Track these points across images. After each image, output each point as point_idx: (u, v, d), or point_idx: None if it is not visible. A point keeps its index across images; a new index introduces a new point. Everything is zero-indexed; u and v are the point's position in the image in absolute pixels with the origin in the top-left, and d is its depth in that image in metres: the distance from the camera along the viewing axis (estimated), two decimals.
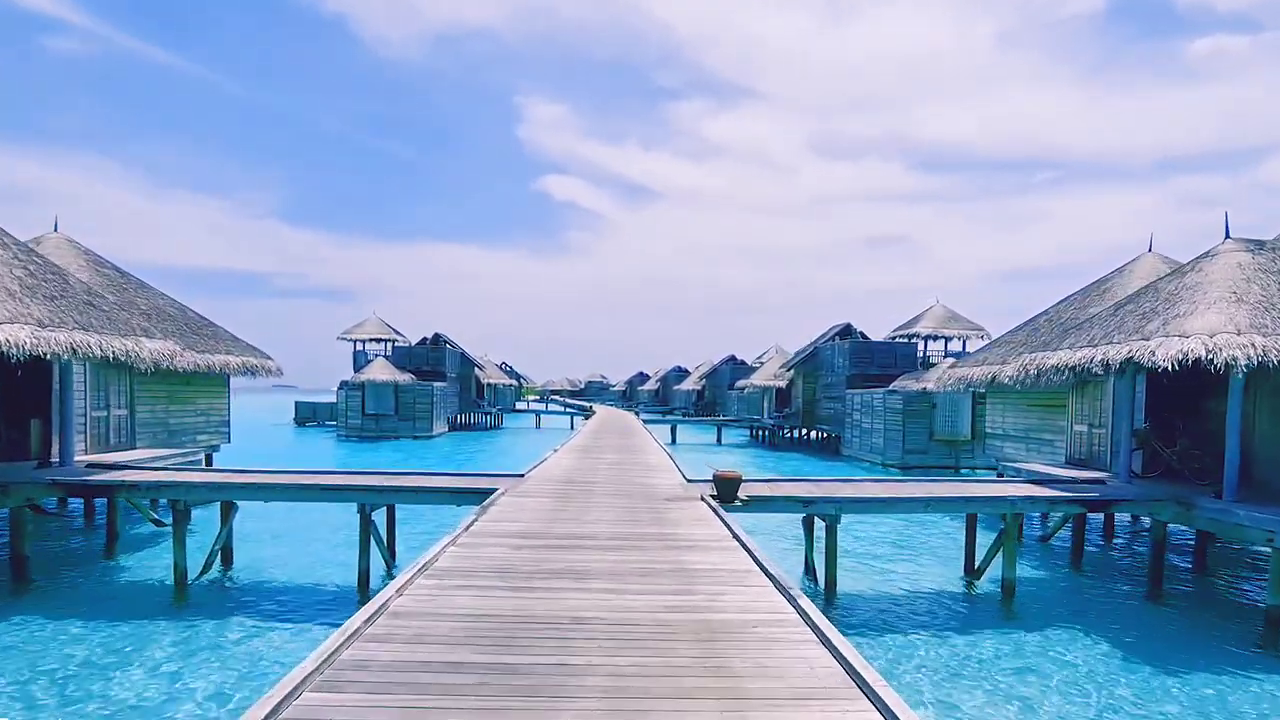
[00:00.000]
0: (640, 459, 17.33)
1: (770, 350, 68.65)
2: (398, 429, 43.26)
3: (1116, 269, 19.39)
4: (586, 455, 17.94)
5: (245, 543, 13.93)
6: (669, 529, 8.33)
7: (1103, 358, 11.49)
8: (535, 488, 11.61)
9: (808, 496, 10.99)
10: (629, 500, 10.55)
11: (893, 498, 11.11)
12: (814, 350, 41.15)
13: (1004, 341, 20.82)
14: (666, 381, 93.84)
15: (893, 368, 35.80)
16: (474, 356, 58.12)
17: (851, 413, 34.79)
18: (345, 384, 43.43)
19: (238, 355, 20.30)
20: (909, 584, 12.29)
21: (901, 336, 37.88)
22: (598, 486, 12.00)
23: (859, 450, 33.67)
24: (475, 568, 6.28)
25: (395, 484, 11.30)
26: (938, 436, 30.12)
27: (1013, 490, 11.83)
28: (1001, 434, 21.10)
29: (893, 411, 30.67)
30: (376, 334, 49.95)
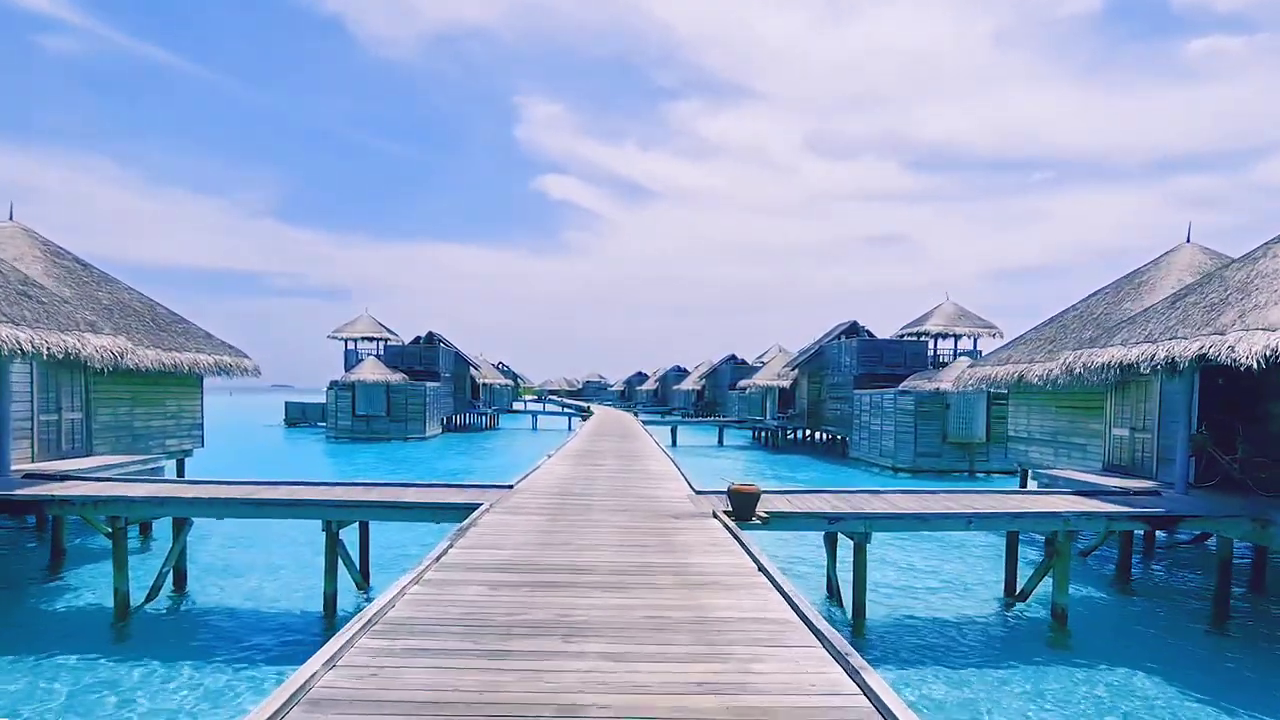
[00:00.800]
0: (642, 465, 16.01)
1: (772, 349, 67.37)
2: (389, 431, 41.91)
3: (1152, 260, 18.09)
4: (583, 461, 16.61)
5: (203, 561, 12.60)
6: (681, 557, 7.00)
7: (1166, 354, 10.18)
8: (525, 502, 10.28)
9: (834, 513, 9.67)
10: (631, 518, 9.22)
11: (929, 514, 9.79)
12: (819, 349, 39.85)
13: (1028, 339, 19.52)
14: (665, 381, 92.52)
15: (902, 367, 34.52)
16: (469, 356, 56.76)
17: (859, 414, 33.48)
18: (335, 384, 42.07)
19: (210, 353, 18.94)
20: (943, 607, 10.98)
21: (909, 335, 36.55)
22: (596, 500, 10.67)
23: (867, 453, 32.37)
24: (440, 619, 4.95)
25: (366, 498, 9.95)
26: (951, 439, 28.83)
27: (1064, 504, 10.52)
28: (1025, 437, 19.80)
29: (904, 413, 29.36)
30: (368, 332, 48.54)
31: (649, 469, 15.26)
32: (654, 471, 14.77)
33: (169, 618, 9.97)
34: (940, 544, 15.27)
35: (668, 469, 15.33)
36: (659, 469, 15.30)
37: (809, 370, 40.26)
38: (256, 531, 14.95)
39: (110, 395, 16.20)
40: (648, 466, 15.86)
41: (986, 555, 14.42)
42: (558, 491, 11.47)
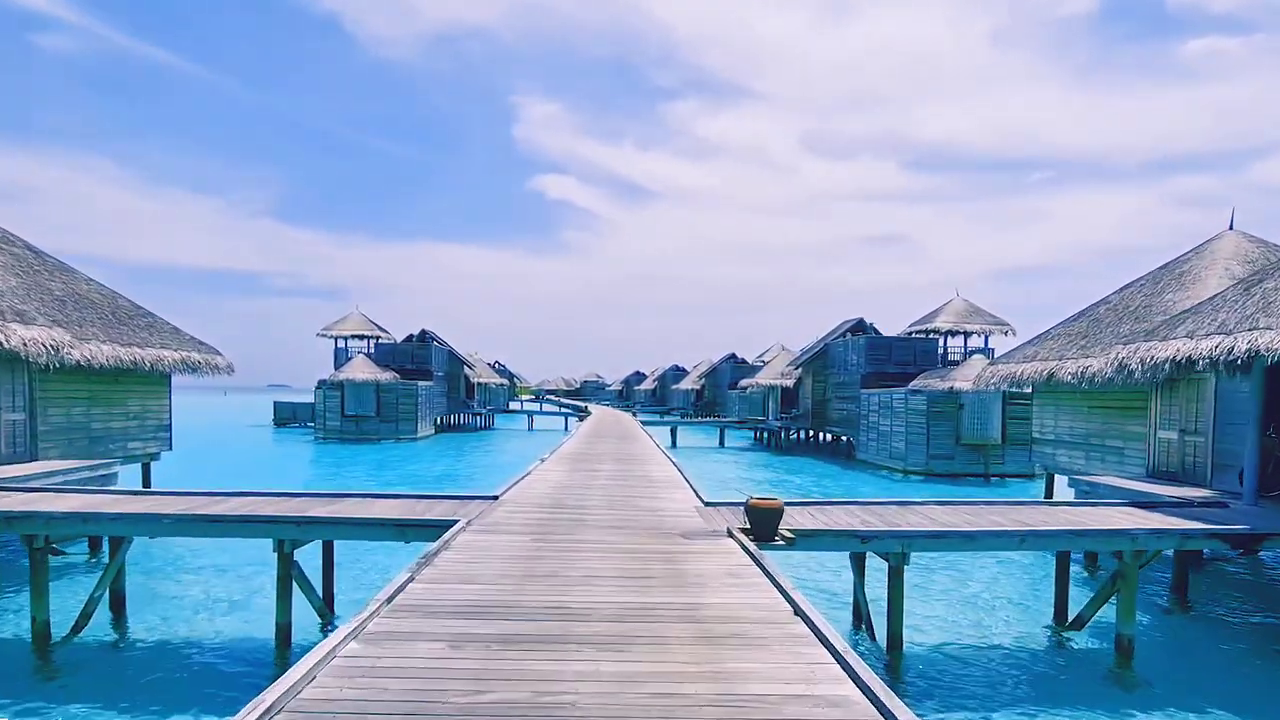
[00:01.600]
0: (643, 470, 14.66)
1: (773, 348, 66.06)
2: (379, 431, 40.53)
3: (1192, 250, 16.78)
4: (579, 466, 15.27)
5: (146, 583, 11.23)
6: (695, 594, 5.66)
7: (1249, 347, 8.86)
8: (510, 517, 8.93)
9: (866, 530, 8.33)
10: (633, 537, 7.88)
11: (977, 532, 8.45)
12: (824, 347, 38.52)
13: (1056, 335, 18.20)
14: (664, 381, 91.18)
15: (911, 366, 33.21)
16: (463, 354, 55.39)
17: (867, 414, 32.16)
18: (323, 383, 40.67)
19: (176, 350, 17.58)
20: (984, 636, 9.65)
21: (917, 332, 35.24)
22: (591, 514, 9.33)
23: (876, 455, 31.05)
24: (374, 701, 3.60)
25: (325, 513, 8.60)
26: (965, 440, 27.52)
27: (1127, 519, 9.20)
28: (1052, 439, 18.49)
29: (915, 413, 28.04)
30: (359, 330, 47.14)
31: (650, 475, 13.92)
32: (656, 478, 13.43)
33: (98, 653, 8.60)
34: (967, 558, 13.94)
35: (671, 474, 13.99)
36: (661, 474, 13.96)
37: (813, 369, 38.94)
38: (212, 546, 13.58)
39: (62, 394, 14.83)
40: (649, 472, 14.52)
41: (1018, 571, 13.10)
42: (548, 503, 10.12)
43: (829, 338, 39.19)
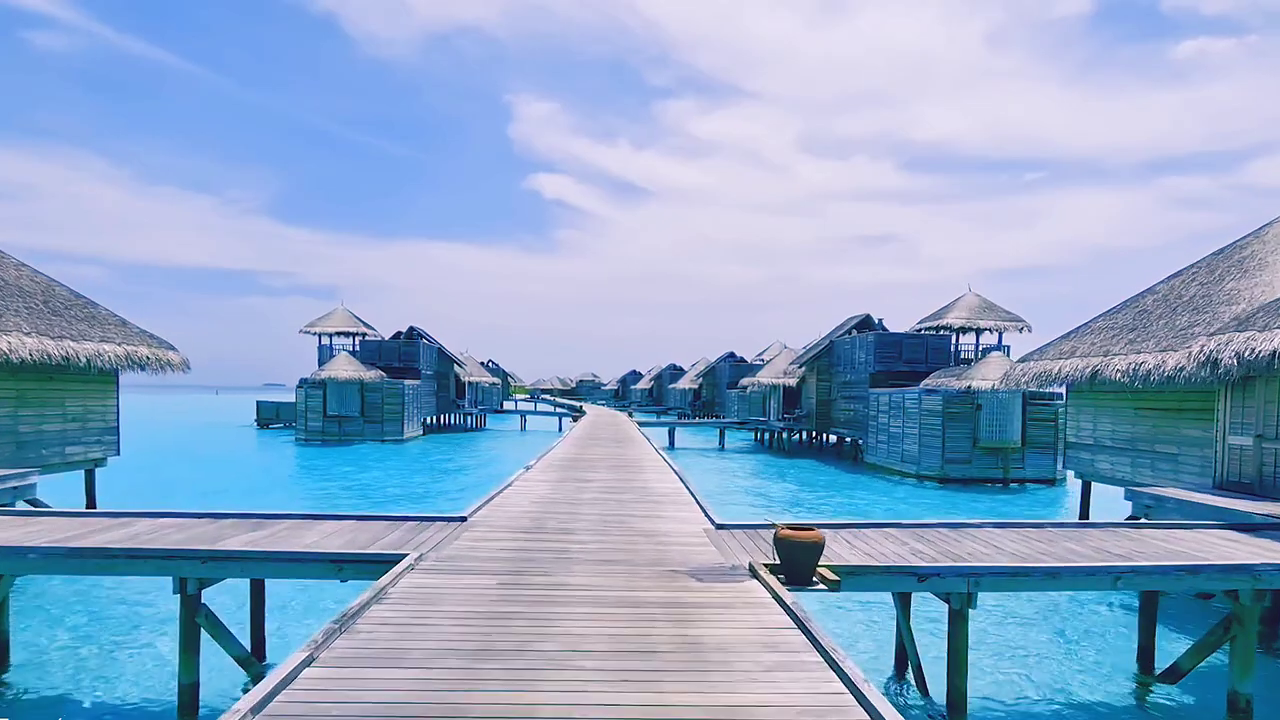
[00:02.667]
0: (641, 480, 12.91)
1: (773, 346, 64.44)
2: (364, 432, 38.69)
3: (1252, 232, 15.10)
4: (569, 475, 13.51)
5: (39, 626, 9.42)
6: (721, 686, 3.91)
7: None
8: (475, 548, 7.18)
9: (924, 567, 6.59)
10: (631, 578, 6.14)
11: (1061, 568, 6.72)
12: (829, 344, 36.82)
13: (1096, 329, 16.51)
14: (661, 380, 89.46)
15: (922, 364, 31.53)
16: (453, 352, 53.57)
17: (877, 415, 30.46)
18: (304, 382, 38.82)
19: (120, 343, 15.78)
20: (1058, 688, 7.92)
21: (927, 329, 33.51)
22: (578, 542, 7.57)
23: (886, 458, 29.34)
24: None
25: (241, 545, 6.83)
26: (983, 443, 25.83)
27: (1239, 548, 7.48)
28: (1092, 444, 16.80)
29: (930, 414, 26.34)
30: (344, 327, 45.24)
31: (650, 486, 12.16)
32: (656, 490, 11.68)
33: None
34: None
35: (673, 486, 12.24)
36: (662, 485, 12.21)
37: (817, 367, 37.24)
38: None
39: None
40: (648, 482, 12.77)
41: (1075, 605, 11.37)
42: (528, 526, 8.36)
43: (834, 334, 37.49)
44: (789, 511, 18.52)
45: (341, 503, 19.50)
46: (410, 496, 20.30)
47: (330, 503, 19.66)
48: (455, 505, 18.83)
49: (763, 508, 19.72)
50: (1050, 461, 26.31)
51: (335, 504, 19.19)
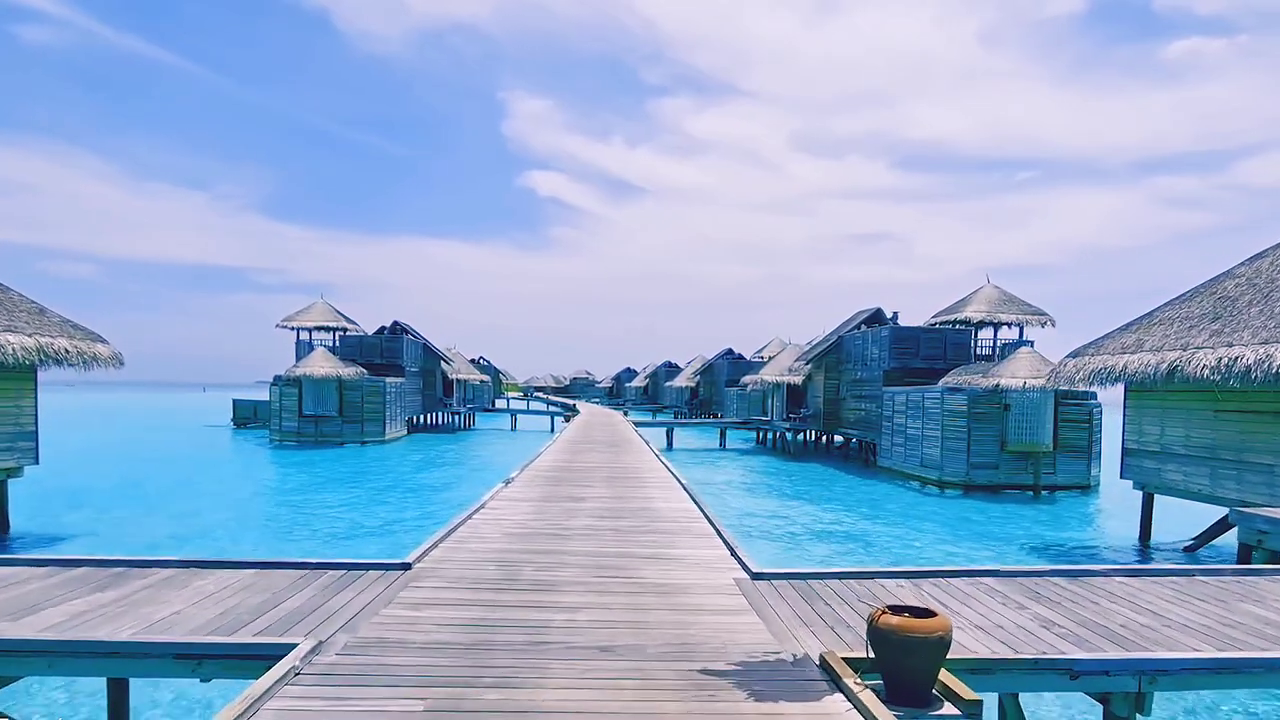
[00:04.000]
0: (643, 499, 10.67)
1: (772, 343, 62.34)
2: (342, 433, 36.32)
3: None
4: (556, 492, 11.26)
5: None
6: None
7: None
8: (408, 625, 4.93)
9: (1084, 661, 4.38)
10: (639, 688, 3.90)
11: (1275, 659, 4.51)
12: (838, 339, 34.64)
13: (1165, 318, 14.37)
14: (656, 378, 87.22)
15: (940, 360, 29.37)
16: (440, 349, 51.22)
17: (892, 415, 28.27)
18: (279, 379, 36.43)
19: (31, 334, 13.47)
20: None
21: (942, 323, 31.36)
22: (563, 610, 5.32)
23: (903, 462, 27.17)
24: None
25: (39, 633, 4.56)
26: (1011, 447, 23.66)
27: None
28: (1158, 450, 14.67)
29: (954, 414, 24.16)
30: (324, 321, 42.82)
31: (655, 507, 9.92)
32: (663, 512, 9.45)
33: None
34: None
35: (682, 506, 10.01)
36: (670, 506, 9.98)
37: (825, 364, 35.05)
38: None
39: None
40: (651, 499, 10.54)
41: None
42: (494, 578, 6.11)
43: (843, 329, 35.31)
44: (823, 543, 16.30)
45: (288, 522, 16.45)
46: (379, 508, 17.89)
47: (279, 521, 16.61)
48: (427, 521, 15.88)
49: (778, 520, 17.51)
50: (1083, 466, 24.21)
51: (284, 523, 16.38)
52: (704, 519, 8.98)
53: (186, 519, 16.79)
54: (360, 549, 12.84)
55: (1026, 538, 16.31)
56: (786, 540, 14.62)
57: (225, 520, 16.53)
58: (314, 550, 12.68)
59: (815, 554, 13.29)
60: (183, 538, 14.48)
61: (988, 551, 14.05)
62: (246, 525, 16.04)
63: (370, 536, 14.34)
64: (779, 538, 14.87)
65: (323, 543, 13.80)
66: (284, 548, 13.08)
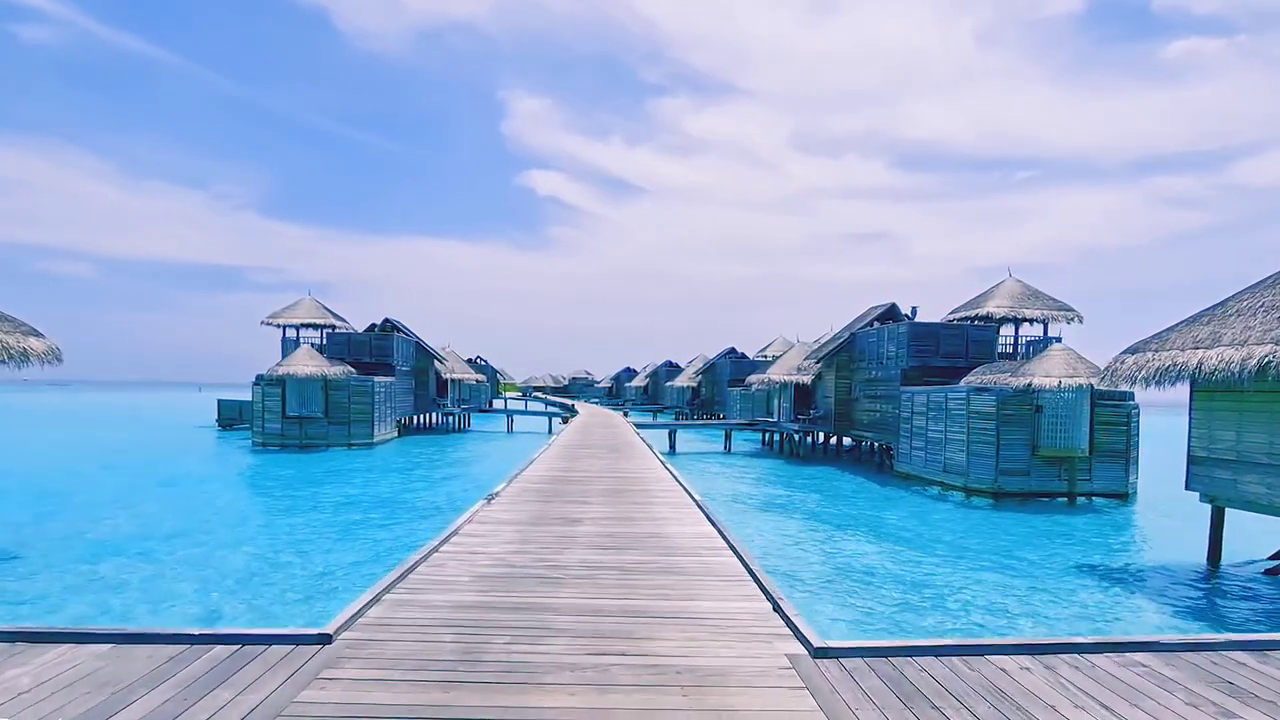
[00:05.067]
0: (651, 522, 8.87)
1: (776, 341, 60.64)
2: (328, 436, 34.51)
3: None
4: (547, 512, 9.46)
5: None
6: None
7: None
8: None
9: None
10: None
11: None
12: (850, 337, 32.86)
13: (1241, 309, 12.60)
14: (657, 377, 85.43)
15: (962, 358, 27.59)
16: (433, 347, 49.41)
17: (911, 417, 26.49)
18: (261, 379, 34.61)
19: None
20: None
21: (963, 319, 29.58)
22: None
23: (923, 468, 25.39)
24: None
25: None
26: (1044, 451, 21.89)
27: None
28: (1234, 460, 12.88)
29: (981, 416, 22.39)
30: (311, 318, 41.01)
31: (667, 532, 8.13)
32: (678, 543, 7.66)
33: None
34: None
35: (701, 532, 8.22)
36: (684, 532, 8.18)
37: (836, 363, 33.27)
38: None
39: None
40: (662, 523, 8.74)
41: None
42: (446, 658, 4.31)
43: (855, 326, 33.53)
44: (857, 566, 14.49)
45: (203, 556, 12.60)
46: (336, 533, 15.36)
47: (198, 551, 12.92)
48: (408, 535, 13.64)
49: (806, 531, 15.72)
50: (1120, 472, 22.45)
51: (201, 555, 12.63)
52: (729, 550, 7.19)
53: (69, 549, 13.19)
54: (283, 602, 9.63)
55: (1081, 559, 14.54)
56: (824, 566, 12.84)
57: (126, 549, 13.07)
58: (219, 604, 9.66)
59: (863, 588, 11.50)
60: (47, 578, 11.06)
61: (1053, 581, 12.28)
62: (152, 558, 12.29)
63: (308, 583, 10.68)
64: (811, 566, 13.08)
65: (235, 591, 10.21)
66: (176, 601, 9.85)
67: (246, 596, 9.94)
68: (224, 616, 9.10)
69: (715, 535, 7.95)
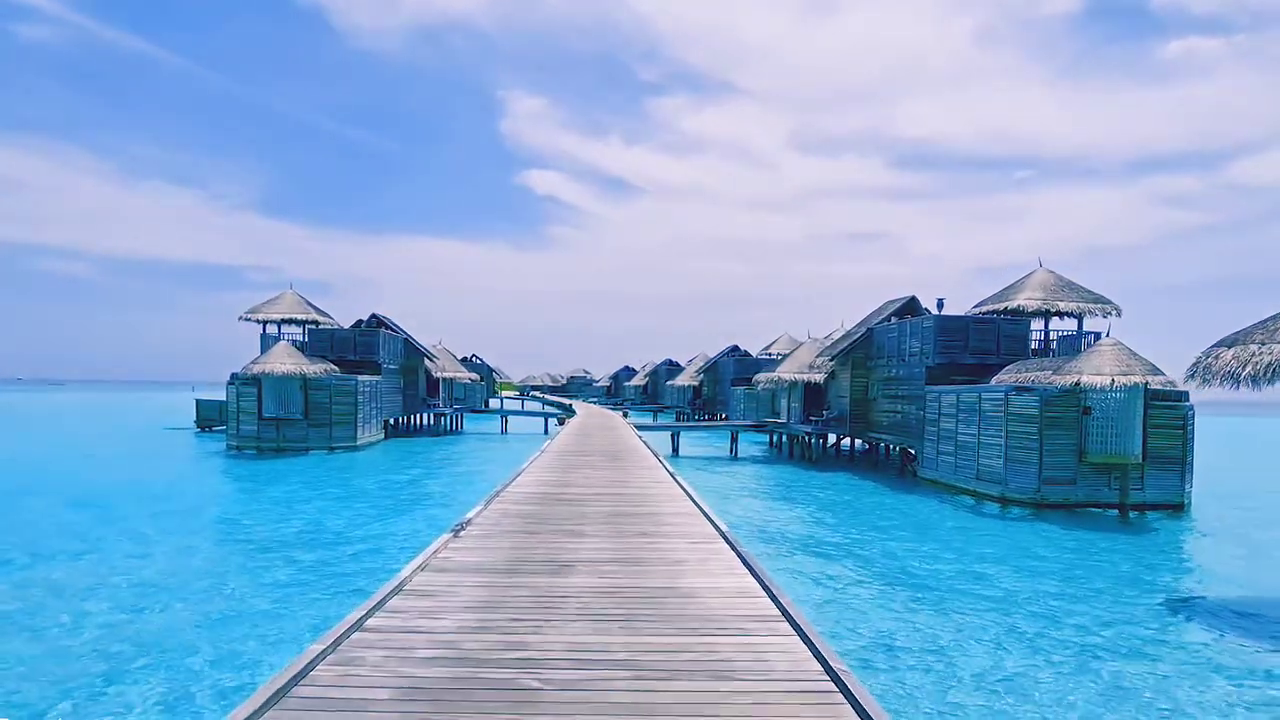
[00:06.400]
0: (667, 567, 6.63)
1: (780, 339, 58.44)
2: (308, 438, 32.30)
3: None
4: (528, 555, 7.23)
5: None
6: None
7: None
8: None
9: None
10: None
11: None
12: (868, 333, 30.65)
13: None
14: (656, 376, 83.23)
15: (993, 355, 25.41)
16: (424, 344, 47.14)
17: (939, 418, 24.30)
18: (236, 377, 32.34)
19: None
20: None
21: (989, 313, 27.35)
22: None
23: (953, 475, 23.20)
24: None
25: None
26: (1092, 458, 19.71)
27: None
28: None
29: (1022, 418, 20.20)
30: (293, 313, 38.69)
31: (692, 590, 5.88)
32: (711, 610, 5.42)
33: None
34: None
35: (739, 586, 6.00)
36: (715, 587, 5.94)
37: (852, 360, 31.06)
38: None
39: None
40: (681, 572, 6.50)
41: None
42: None
43: (872, 321, 31.32)
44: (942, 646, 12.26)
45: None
46: (250, 595, 11.60)
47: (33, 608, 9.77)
48: (366, 572, 10.76)
49: (862, 583, 13.50)
50: (1176, 481, 20.26)
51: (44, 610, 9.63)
52: (785, 623, 4.96)
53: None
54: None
55: (1165, 590, 12.34)
56: (908, 646, 10.59)
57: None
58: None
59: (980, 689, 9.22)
60: None
61: (1148, 620, 10.10)
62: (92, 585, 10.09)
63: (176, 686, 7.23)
64: (888, 647, 10.81)
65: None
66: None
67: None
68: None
69: (758, 593, 5.72)
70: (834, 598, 11.24)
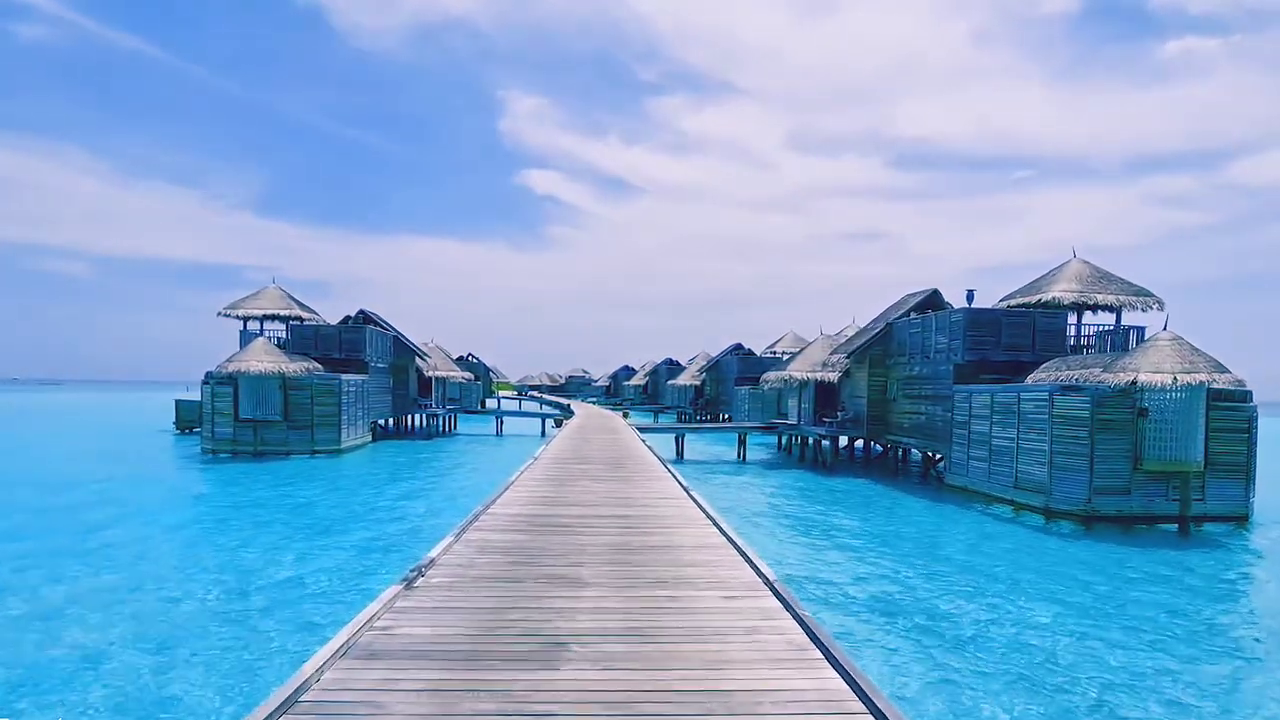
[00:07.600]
0: (697, 635, 4.60)
1: (785, 337, 56.45)
2: (288, 441, 30.24)
3: None
4: (498, 622, 5.17)
5: None
6: None
7: None
8: None
9: None
10: None
11: None
12: (887, 328, 28.60)
13: None
14: (657, 375, 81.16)
15: (1027, 352, 23.39)
16: (414, 342, 45.06)
17: (969, 421, 22.27)
18: (211, 376, 30.26)
19: None
20: None
21: (1019, 306, 25.32)
22: None
23: (986, 482, 21.17)
24: None
25: None
26: (1149, 465, 17.68)
27: None
28: None
29: (1069, 421, 18.17)
30: (275, 308, 36.62)
31: (757, 713, 3.85)
32: (757, 706, 3.37)
33: None
34: None
35: (818, 688, 3.96)
36: (783, 703, 3.92)
37: (869, 357, 29.03)
38: None
39: None
40: (727, 660, 4.46)
41: None
42: None
43: (890, 315, 29.27)
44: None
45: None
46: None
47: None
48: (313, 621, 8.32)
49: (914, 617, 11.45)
50: (1239, 490, 18.26)
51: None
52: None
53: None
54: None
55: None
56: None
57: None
58: None
59: None
60: None
61: None
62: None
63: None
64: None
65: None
66: None
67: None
68: None
69: (854, 706, 3.67)
70: (960, 705, 7.27)
